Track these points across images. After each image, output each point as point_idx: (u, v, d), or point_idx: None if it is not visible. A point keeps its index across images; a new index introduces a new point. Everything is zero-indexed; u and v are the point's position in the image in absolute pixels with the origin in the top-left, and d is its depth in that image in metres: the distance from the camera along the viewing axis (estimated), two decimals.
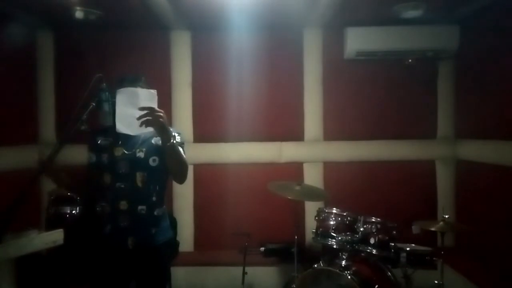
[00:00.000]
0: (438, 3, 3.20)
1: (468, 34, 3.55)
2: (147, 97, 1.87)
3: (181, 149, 2.00)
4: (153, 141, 2.06)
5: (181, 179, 2.06)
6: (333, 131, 3.88)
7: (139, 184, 2.01)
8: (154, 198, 2.05)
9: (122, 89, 1.87)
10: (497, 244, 3.14)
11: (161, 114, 1.83)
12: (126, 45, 3.79)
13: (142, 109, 1.80)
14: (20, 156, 3.43)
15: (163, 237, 2.12)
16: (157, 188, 2.07)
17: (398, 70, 3.78)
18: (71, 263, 2.97)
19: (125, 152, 2.02)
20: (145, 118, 1.80)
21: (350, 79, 3.85)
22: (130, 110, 1.83)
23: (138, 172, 2.01)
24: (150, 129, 1.86)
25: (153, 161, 2.03)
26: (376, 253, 2.66)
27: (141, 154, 2.02)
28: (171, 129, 1.92)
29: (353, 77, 3.84)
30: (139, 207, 2.01)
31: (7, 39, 3.31)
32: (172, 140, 1.88)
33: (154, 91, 1.91)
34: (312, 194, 3.14)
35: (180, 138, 2.04)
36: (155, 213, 2.06)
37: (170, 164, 1.98)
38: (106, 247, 2.07)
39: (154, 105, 1.86)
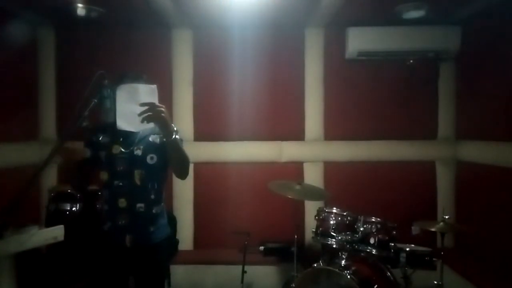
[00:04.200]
0: (440, 4, 3.20)
1: (469, 35, 3.56)
2: (148, 92, 1.87)
3: None
4: (150, 139, 2.05)
5: (183, 174, 2.05)
6: (334, 131, 3.88)
7: (138, 182, 2.01)
8: (152, 196, 2.05)
9: (122, 86, 1.87)
10: (497, 245, 3.14)
11: (162, 109, 1.82)
12: (127, 43, 3.79)
13: (143, 104, 1.80)
14: (21, 153, 3.43)
15: (161, 235, 2.11)
16: (156, 186, 2.06)
17: (399, 71, 3.78)
18: (70, 260, 2.97)
19: (123, 150, 2.01)
20: (146, 114, 1.79)
21: (351, 79, 3.85)
22: (131, 106, 1.83)
23: (136, 170, 2.00)
24: (152, 125, 1.86)
25: (150, 159, 2.03)
26: (376, 253, 2.66)
27: (138, 152, 2.01)
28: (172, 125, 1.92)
29: (354, 77, 3.84)
30: (138, 205, 2.00)
31: (9, 36, 3.30)
32: (174, 135, 1.87)
33: (154, 86, 1.90)
34: (312, 193, 3.14)
35: (178, 136, 2.04)
36: (153, 211, 2.06)
37: (172, 159, 1.97)
38: (104, 244, 2.07)
39: (155, 100, 1.86)
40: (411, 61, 3.70)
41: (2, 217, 1.61)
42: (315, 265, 2.65)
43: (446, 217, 2.66)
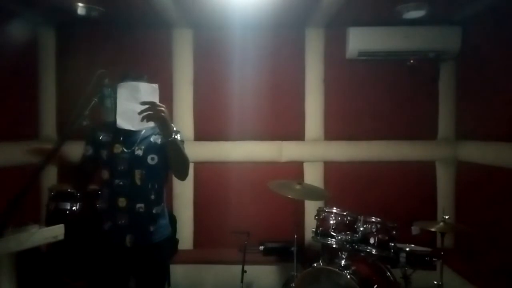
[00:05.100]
0: (440, 4, 3.20)
1: (470, 36, 3.56)
2: (149, 91, 1.87)
3: None
4: (151, 139, 2.06)
5: (182, 175, 2.05)
6: (334, 130, 3.88)
7: (138, 182, 2.00)
8: (152, 196, 2.04)
9: (123, 83, 1.88)
10: (497, 245, 3.14)
11: (163, 108, 1.82)
12: (128, 43, 3.79)
13: (143, 103, 1.80)
14: (21, 152, 3.42)
15: (161, 235, 2.11)
16: (156, 186, 2.06)
17: (400, 71, 3.78)
18: (70, 259, 2.97)
19: (124, 150, 2.01)
20: (146, 113, 1.79)
21: (352, 79, 3.85)
22: (131, 104, 1.83)
23: (136, 170, 2.00)
24: (151, 124, 1.86)
25: (151, 159, 2.03)
26: (376, 253, 2.66)
27: (139, 152, 2.01)
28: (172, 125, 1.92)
29: (355, 77, 3.84)
30: (138, 205, 2.00)
31: (9, 36, 3.30)
32: (173, 135, 1.87)
33: (155, 86, 1.91)
34: (312, 193, 3.14)
35: (180, 136, 2.04)
36: (154, 211, 2.06)
37: (171, 159, 1.97)
38: (104, 244, 2.07)
39: (156, 99, 1.87)
40: (412, 61, 3.70)
41: (2, 216, 1.61)
42: (315, 264, 2.66)
43: (446, 217, 2.65)
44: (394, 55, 3.68)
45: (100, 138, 2.06)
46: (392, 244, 2.66)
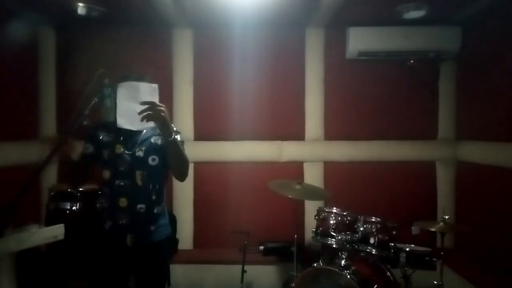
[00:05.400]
0: (440, 4, 3.20)
1: (470, 36, 3.56)
2: (149, 91, 1.88)
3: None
4: (152, 140, 2.06)
5: (182, 176, 2.05)
6: (334, 130, 3.88)
7: (139, 182, 2.01)
8: (153, 197, 2.05)
9: (123, 83, 1.88)
10: (496, 246, 3.14)
11: (163, 108, 1.83)
12: (128, 42, 3.78)
13: (143, 103, 1.80)
14: (21, 152, 3.43)
15: (162, 234, 2.12)
16: (157, 187, 2.06)
17: (400, 71, 3.78)
18: (70, 259, 2.97)
19: (125, 150, 2.02)
20: (146, 113, 1.79)
21: (352, 79, 3.85)
22: (131, 104, 1.84)
23: (137, 170, 2.01)
24: (151, 124, 1.86)
25: (152, 160, 2.04)
26: (376, 253, 2.66)
27: (140, 153, 2.02)
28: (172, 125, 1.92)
29: (355, 77, 3.84)
30: (138, 206, 2.01)
31: (9, 36, 3.30)
32: (173, 135, 1.88)
33: (155, 85, 1.92)
34: (312, 193, 3.14)
35: (180, 137, 2.04)
36: (155, 211, 2.07)
37: (171, 160, 1.98)
38: (105, 243, 2.07)
39: (156, 99, 1.87)
40: (412, 61, 3.70)
41: (2, 215, 1.61)
42: (315, 264, 2.65)
43: (446, 217, 2.66)
44: (394, 55, 3.68)
45: (101, 137, 2.06)
46: (392, 244, 2.66)
